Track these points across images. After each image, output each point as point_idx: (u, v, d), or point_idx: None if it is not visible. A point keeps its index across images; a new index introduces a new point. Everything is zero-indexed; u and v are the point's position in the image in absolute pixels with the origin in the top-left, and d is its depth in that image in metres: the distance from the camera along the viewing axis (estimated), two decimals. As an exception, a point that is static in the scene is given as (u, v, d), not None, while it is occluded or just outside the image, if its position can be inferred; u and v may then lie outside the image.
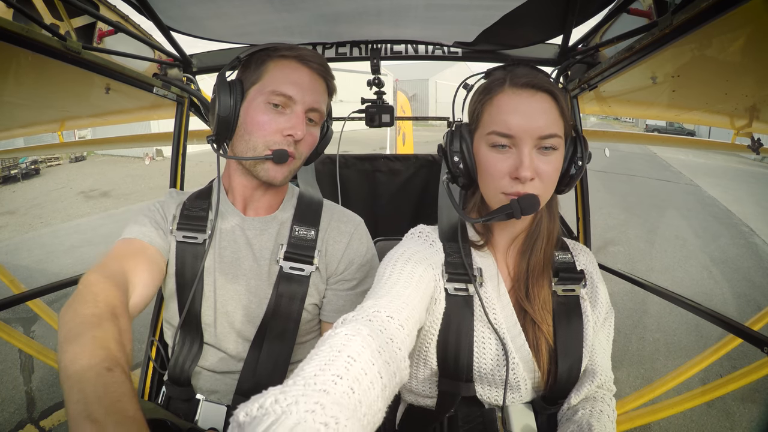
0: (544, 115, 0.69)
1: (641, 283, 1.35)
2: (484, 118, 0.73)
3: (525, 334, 0.78)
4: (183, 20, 1.14)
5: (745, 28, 0.75)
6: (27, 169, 12.05)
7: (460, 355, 0.75)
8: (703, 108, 1.42)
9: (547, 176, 0.70)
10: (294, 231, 0.90)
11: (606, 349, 0.83)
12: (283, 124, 0.81)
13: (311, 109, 0.84)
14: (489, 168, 0.72)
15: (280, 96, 0.81)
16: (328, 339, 0.49)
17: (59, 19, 1.08)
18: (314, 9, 1.10)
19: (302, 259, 0.88)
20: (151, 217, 0.88)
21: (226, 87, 0.82)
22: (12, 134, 2.27)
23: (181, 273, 0.86)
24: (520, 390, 0.78)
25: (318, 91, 0.85)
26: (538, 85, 0.70)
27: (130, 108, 1.70)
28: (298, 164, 0.87)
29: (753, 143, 1.44)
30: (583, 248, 0.90)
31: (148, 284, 0.77)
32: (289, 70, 0.82)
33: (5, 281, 2.05)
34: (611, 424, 0.74)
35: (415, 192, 1.82)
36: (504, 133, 0.69)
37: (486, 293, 0.78)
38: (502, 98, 0.71)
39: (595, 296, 0.83)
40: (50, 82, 1.21)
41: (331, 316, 0.91)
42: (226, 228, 0.90)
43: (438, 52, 1.35)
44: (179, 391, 0.90)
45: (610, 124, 27.27)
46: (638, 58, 0.96)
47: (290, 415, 0.34)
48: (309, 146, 0.87)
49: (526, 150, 0.68)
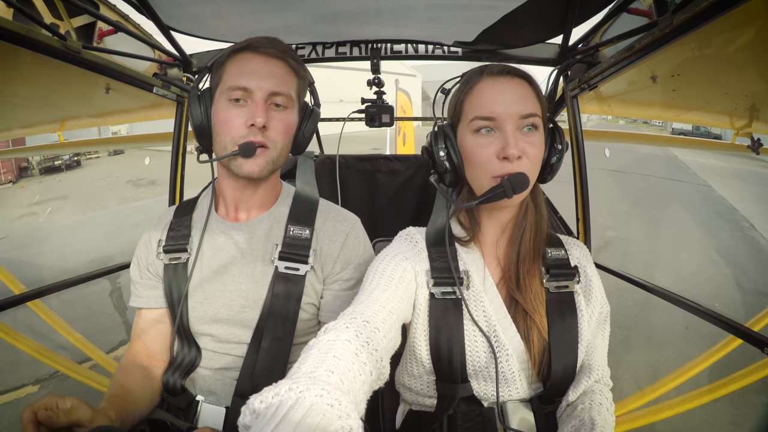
0: (522, 97, 0.73)
1: (641, 283, 1.34)
2: (465, 108, 0.77)
3: (516, 326, 0.78)
4: (183, 20, 1.14)
5: (745, 27, 0.75)
6: (69, 160, 13.03)
7: (452, 358, 0.76)
8: (703, 108, 1.41)
9: (533, 156, 0.73)
10: (289, 230, 0.89)
11: (602, 345, 0.83)
12: (245, 115, 0.81)
13: (272, 93, 0.82)
14: (476, 153, 0.74)
15: (237, 90, 0.81)
16: (315, 345, 0.56)
17: (59, 18, 1.08)
18: (314, 9, 1.10)
19: (297, 258, 0.87)
20: (137, 280, 0.96)
21: (195, 97, 0.85)
22: (12, 134, 2.27)
23: (170, 293, 0.90)
24: (516, 383, 0.78)
25: (276, 74, 0.83)
26: (513, 71, 0.76)
27: (130, 108, 1.70)
28: (275, 153, 0.85)
29: (753, 143, 1.44)
30: (576, 242, 0.90)
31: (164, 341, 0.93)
32: (243, 63, 0.83)
33: (5, 281, 2.04)
34: (611, 417, 0.75)
35: (414, 192, 1.82)
36: (487, 116, 0.73)
37: (473, 289, 0.79)
38: (482, 86, 0.75)
39: (589, 291, 0.83)
40: (50, 82, 1.21)
41: (329, 316, 0.90)
42: (211, 238, 0.91)
43: (438, 51, 1.35)
44: (174, 400, 0.91)
45: (638, 127, 26.65)
46: (638, 58, 0.96)
47: (305, 399, 0.42)
48: (282, 132, 0.85)
49: (510, 129, 0.72)
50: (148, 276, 0.94)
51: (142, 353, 0.92)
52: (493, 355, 0.76)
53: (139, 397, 0.85)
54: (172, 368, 0.90)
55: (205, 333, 0.89)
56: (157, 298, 0.93)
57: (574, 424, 0.73)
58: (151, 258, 0.93)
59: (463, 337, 0.77)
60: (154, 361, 0.92)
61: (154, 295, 0.93)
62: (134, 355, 0.92)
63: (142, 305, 0.94)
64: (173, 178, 1.46)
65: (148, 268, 0.94)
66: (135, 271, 0.96)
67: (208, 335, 0.89)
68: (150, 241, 0.95)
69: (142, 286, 0.95)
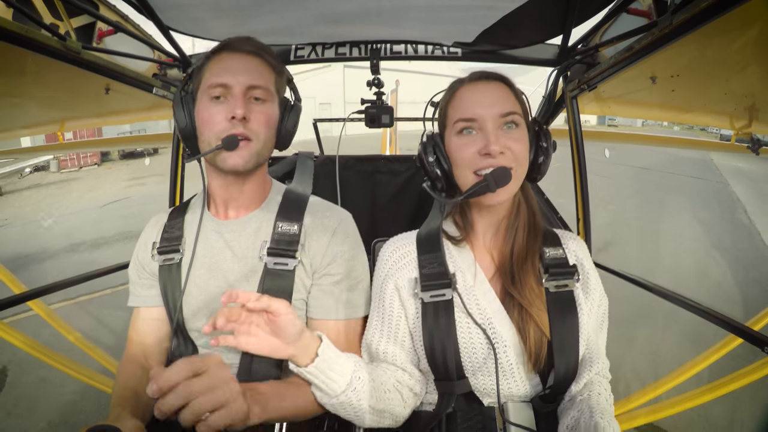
0: (501, 98, 0.79)
1: (641, 283, 1.34)
2: (449, 113, 0.82)
3: (511, 319, 0.80)
4: (183, 20, 1.14)
5: (745, 28, 0.75)
6: (149, 149, 15.35)
7: (447, 357, 0.78)
8: (702, 108, 1.42)
9: (517, 150, 0.77)
10: (277, 227, 0.90)
11: (601, 337, 0.85)
12: (225, 111, 0.83)
13: (250, 87, 0.84)
14: (460, 152, 0.78)
15: (216, 87, 0.83)
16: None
17: (59, 18, 1.08)
18: (314, 9, 1.10)
19: (285, 253, 0.88)
20: (135, 280, 0.97)
21: (178, 102, 0.87)
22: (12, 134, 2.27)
23: (165, 293, 0.91)
24: (515, 375, 0.79)
25: (253, 69, 0.86)
26: (491, 76, 0.82)
27: (130, 108, 1.70)
28: (259, 145, 0.86)
29: (753, 143, 1.44)
30: (571, 235, 0.91)
31: (160, 341, 0.95)
32: (221, 62, 0.86)
33: (5, 281, 2.04)
34: (609, 407, 0.76)
35: (414, 192, 1.82)
36: (468, 117, 0.77)
37: (464, 285, 0.82)
38: (463, 91, 0.81)
39: (587, 285, 0.85)
40: (50, 82, 1.21)
41: (316, 312, 0.91)
42: (203, 237, 0.92)
43: (438, 52, 1.35)
44: None
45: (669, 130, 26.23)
46: (638, 58, 0.96)
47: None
48: (263, 124, 0.86)
49: (490, 127, 0.76)
50: (145, 276, 0.96)
51: (140, 354, 0.93)
52: (491, 347, 0.77)
53: (147, 398, 0.84)
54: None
55: (199, 330, 0.90)
56: (153, 297, 0.94)
57: (573, 414, 0.75)
58: (146, 259, 0.95)
59: (456, 336, 0.79)
60: (152, 361, 0.93)
61: (151, 294, 0.94)
62: (133, 355, 0.93)
63: (139, 304, 0.96)
64: (173, 179, 1.46)
65: (144, 268, 0.96)
66: (133, 271, 0.98)
67: (203, 335, 0.89)
68: (146, 242, 0.97)
69: (140, 286, 0.96)
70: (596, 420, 0.70)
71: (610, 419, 0.72)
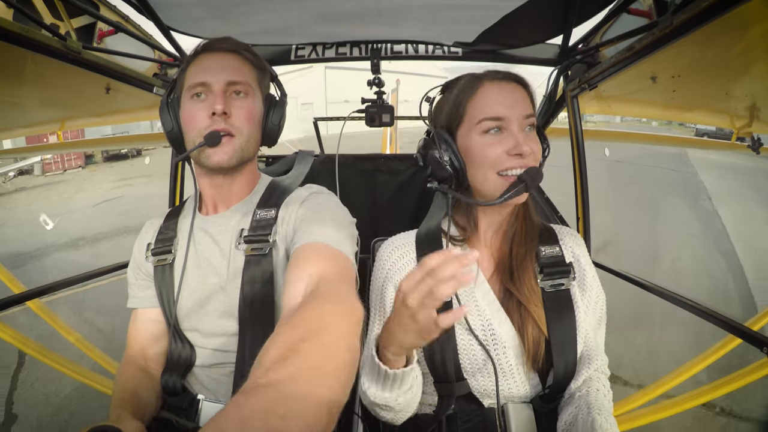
0: (522, 99, 0.79)
1: (641, 283, 1.34)
2: (469, 111, 0.80)
3: (510, 318, 0.80)
4: (183, 20, 1.14)
5: (745, 28, 0.75)
6: (133, 151, 15.51)
7: (445, 359, 0.78)
8: (703, 108, 1.42)
9: (537, 152, 0.78)
10: (256, 215, 0.90)
11: (599, 333, 0.85)
12: (206, 108, 0.83)
13: (230, 83, 0.85)
14: (485, 152, 0.77)
15: (197, 86, 0.84)
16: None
17: (59, 19, 1.08)
18: (314, 9, 1.10)
19: (260, 238, 0.87)
20: (132, 281, 0.98)
21: (164, 107, 0.88)
22: (13, 134, 2.27)
23: (160, 294, 0.92)
24: (514, 375, 0.79)
25: (231, 66, 0.86)
26: (513, 77, 0.81)
27: (130, 108, 1.70)
28: (242, 140, 0.86)
29: (753, 143, 1.44)
30: (568, 231, 0.91)
31: (159, 341, 0.95)
32: (200, 62, 0.87)
33: (5, 281, 2.04)
34: (608, 404, 0.76)
35: (415, 191, 1.82)
36: (495, 117, 0.76)
37: (464, 287, 0.80)
38: (486, 90, 0.79)
39: (583, 281, 0.85)
40: (50, 82, 1.21)
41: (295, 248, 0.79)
42: (195, 236, 0.93)
43: (438, 52, 1.35)
44: (175, 400, 0.91)
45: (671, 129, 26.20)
46: (638, 58, 0.96)
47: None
48: (246, 119, 0.86)
49: (516, 128, 0.76)
50: (141, 277, 0.96)
51: (139, 355, 0.94)
52: (488, 350, 0.77)
53: (147, 399, 0.86)
54: (170, 368, 0.91)
55: (193, 328, 0.90)
56: (150, 298, 0.95)
57: (571, 410, 0.75)
58: (142, 260, 0.96)
59: (454, 338, 0.79)
60: (150, 362, 0.94)
61: (147, 296, 0.95)
62: (132, 357, 0.94)
63: (137, 305, 0.96)
64: (173, 179, 1.46)
65: (140, 269, 0.97)
66: (131, 273, 0.99)
67: (195, 330, 0.90)
68: (142, 244, 0.98)
69: (137, 287, 0.97)
70: (593, 416, 0.71)
71: (608, 415, 0.72)
